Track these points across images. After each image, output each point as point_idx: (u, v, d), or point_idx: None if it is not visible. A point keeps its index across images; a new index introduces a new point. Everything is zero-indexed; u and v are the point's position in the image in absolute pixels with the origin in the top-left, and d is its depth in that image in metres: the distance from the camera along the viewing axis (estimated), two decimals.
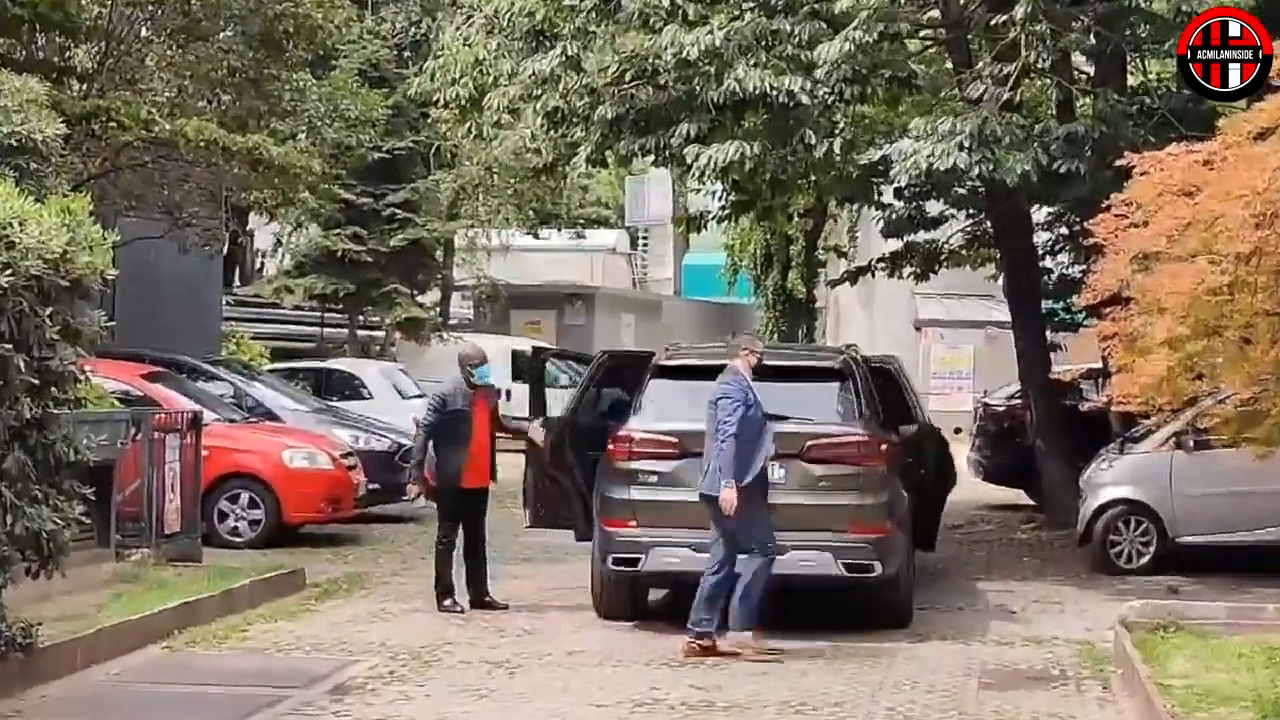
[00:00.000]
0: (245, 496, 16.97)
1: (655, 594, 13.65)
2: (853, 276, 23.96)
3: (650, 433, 12.53)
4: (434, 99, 19.03)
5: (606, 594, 13.02)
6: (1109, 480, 16.33)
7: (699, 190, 23.19)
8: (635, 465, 12.49)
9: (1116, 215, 8.06)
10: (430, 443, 13.44)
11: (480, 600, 13.43)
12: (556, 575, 15.31)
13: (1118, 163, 8.46)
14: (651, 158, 17.06)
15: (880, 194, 20.06)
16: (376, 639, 12.09)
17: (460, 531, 13.50)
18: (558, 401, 21.36)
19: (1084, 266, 16.99)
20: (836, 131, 16.70)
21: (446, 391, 13.43)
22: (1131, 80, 19.00)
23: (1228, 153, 7.78)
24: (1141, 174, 8.06)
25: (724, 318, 45.29)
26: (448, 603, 13.38)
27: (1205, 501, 15.80)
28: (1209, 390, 8.18)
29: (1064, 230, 21.93)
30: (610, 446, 12.68)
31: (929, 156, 15.31)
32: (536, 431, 13.85)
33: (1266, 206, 7.29)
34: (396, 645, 11.83)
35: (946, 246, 22.57)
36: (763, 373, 12.82)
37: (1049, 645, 12.27)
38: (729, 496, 11.43)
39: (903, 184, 17.70)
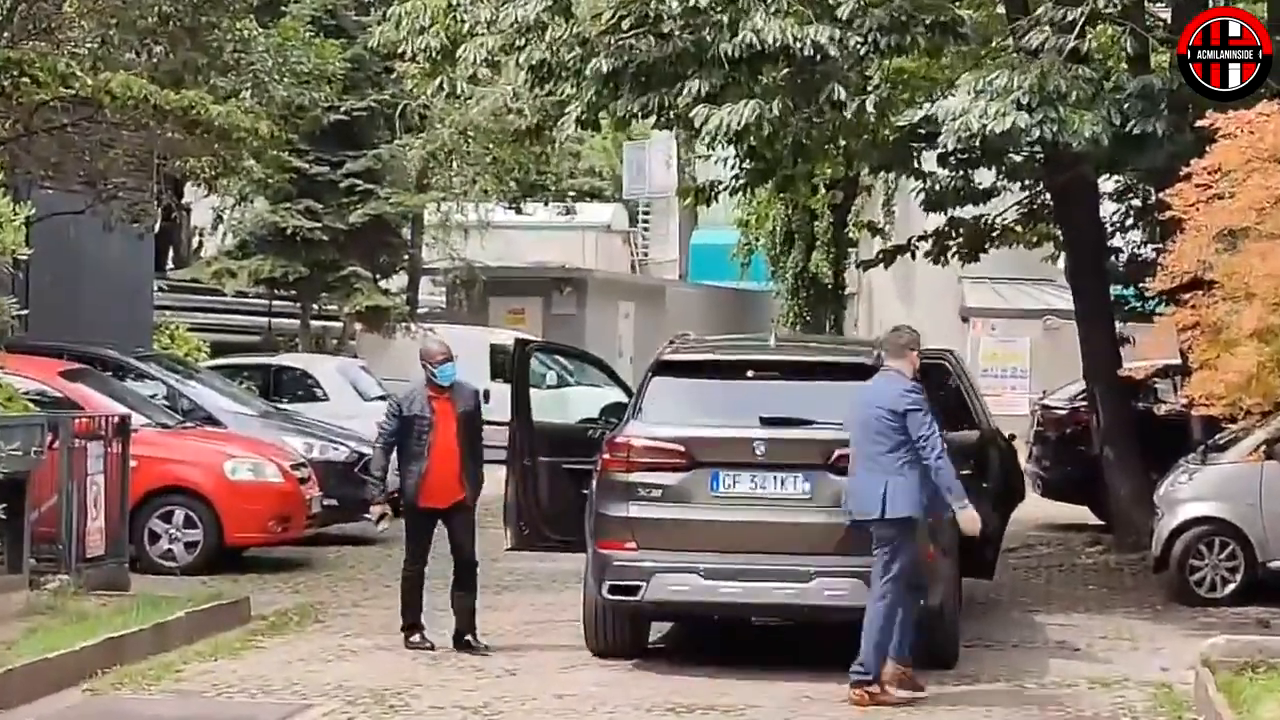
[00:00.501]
0: (180, 514, 16.96)
1: (659, 628, 13.64)
2: (888, 257, 23.95)
3: (653, 440, 12.52)
4: (400, 51, 18.98)
5: (601, 628, 13.01)
6: (1188, 495, 16.32)
7: (708, 158, 23.19)
8: (635, 478, 12.48)
9: (1197, 185, 8.04)
10: (391, 454, 13.41)
11: (459, 639, 13.37)
12: (543, 606, 15.31)
13: (1199, 124, 8.43)
14: (653, 120, 17.03)
15: (921, 161, 20.04)
16: (333, 680, 12.08)
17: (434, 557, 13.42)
18: (548, 404, 21.43)
19: (1159, 246, 16.99)
20: (870, 88, 16.71)
21: (404, 394, 13.50)
22: None
23: None
24: (1226, 137, 8.01)
25: (738, 305, 45.31)
26: (415, 639, 13.35)
27: None
28: None
29: (1136, 203, 21.93)
30: (605, 456, 12.67)
31: (981, 117, 15.27)
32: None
33: None
34: (356, 687, 11.82)
35: (999, 223, 22.58)
36: (781, 369, 12.83)
37: (1118, 688, 12.27)
38: (972, 517, 11.64)
39: (949, 149, 17.67)
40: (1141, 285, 18.95)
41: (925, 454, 11.54)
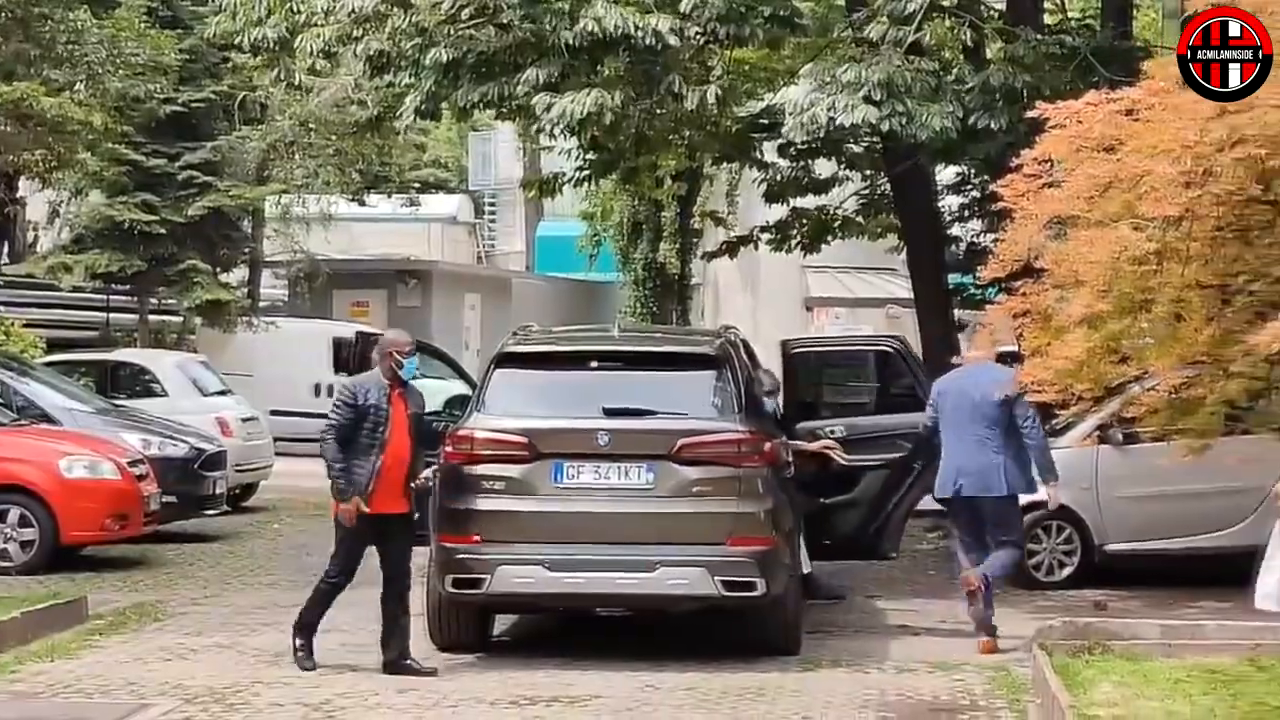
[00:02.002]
0: (15, 513, 16.73)
1: (503, 621, 13.63)
2: (732, 248, 24.11)
3: (496, 432, 12.50)
4: (237, 42, 18.81)
5: (445, 621, 12.98)
6: None
7: (552, 149, 23.19)
8: (478, 470, 12.45)
9: (1027, 175, 8.16)
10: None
11: (399, 663, 12.22)
12: None
13: (1028, 114, 8.59)
14: (493, 110, 17.02)
15: (762, 152, 20.19)
16: (172, 679, 11.94)
17: (361, 569, 12.47)
18: None
19: (996, 235, 17.26)
20: (711, 79, 16.77)
21: (358, 382, 12.38)
22: (1049, 19, 19.27)
23: (1154, 100, 7.90)
24: (1055, 127, 8.15)
25: (585, 297, 45.30)
26: (300, 652, 12.37)
27: (1136, 504, 16.09)
28: (1136, 374, 8.28)
29: (976, 193, 22.24)
30: (448, 449, 12.64)
31: (829, 110, 15.42)
32: None
33: (1198, 163, 7.42)
34: (196, 686, 11.70)
35: (839, 213, 22.78)
36: (625, 360, 12.88)
37: (957, 671, 12.41)
38: (1055, 494, 13.88)
39: (798, 141, 17.80)
40: (978, 273, 19.22)
41: (1033, 435, 13.11)
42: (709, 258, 26.92)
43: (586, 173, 20.66)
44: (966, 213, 23.03)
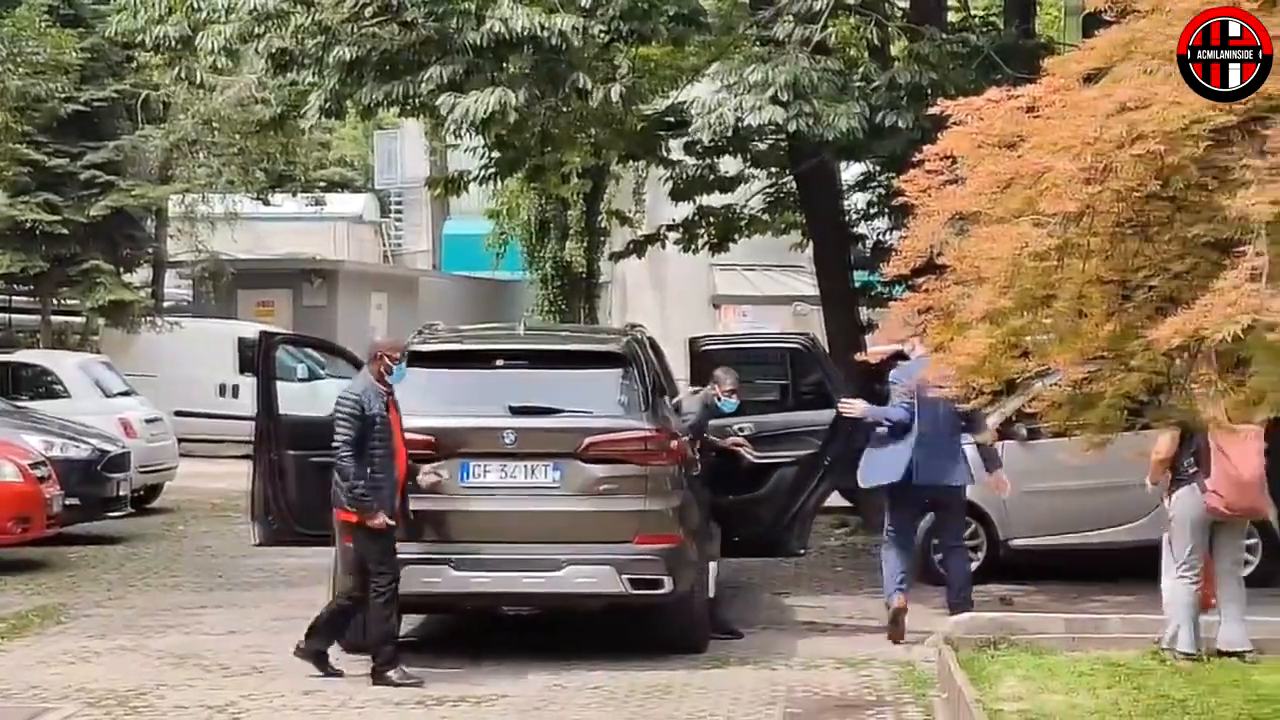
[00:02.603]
0: None
1: (410, 621, 13.58)
2: (639, 247, 24.08)
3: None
4: (138, 40, 18.64)
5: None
6: None
7: (457, 147, 23.12)
8: None
9: (929, 172, 8.16)
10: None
11: (321, 654, 12.18)
12: (292, 602, 15.15)
13: (930, 111, 8.62)
14: (398, 108, 16.95)
15: (668, 150, 20.20)
16: (75, 682, 11.86)
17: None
18: (300, 397, 21.22)
19: (901, 232, 17.33)
20: (617, 77, 16.76)
21: (358, 390, 12.00)
22: (953, 17, 19.39)
23: (1054, 98, 7.93)
24: (957, 124, 8.17)
25: (492, 295, 45.21)
26: (394, 675, 11.81)
27: (1040, 499, 16.17)
28: (1037, 370, 8.32)
29: (881, 191, 22.33)
30: None
31: (736, 110, 15.45)
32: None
33: (1098, 159, 7.42)
34: (100, 689, 11.62)
35: (745, 211, 22.83)
36: (531, 358, 12.86)
37: (864, 667, 12.48)
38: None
39: (705, 141, 17.82)
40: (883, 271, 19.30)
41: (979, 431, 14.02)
42: (615, 258, 26.91)
43: (492, 171, 20.59)
44: (872, 210, 23.10)
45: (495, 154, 19.95)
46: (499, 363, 13.00)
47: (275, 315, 35.47)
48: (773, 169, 22.40)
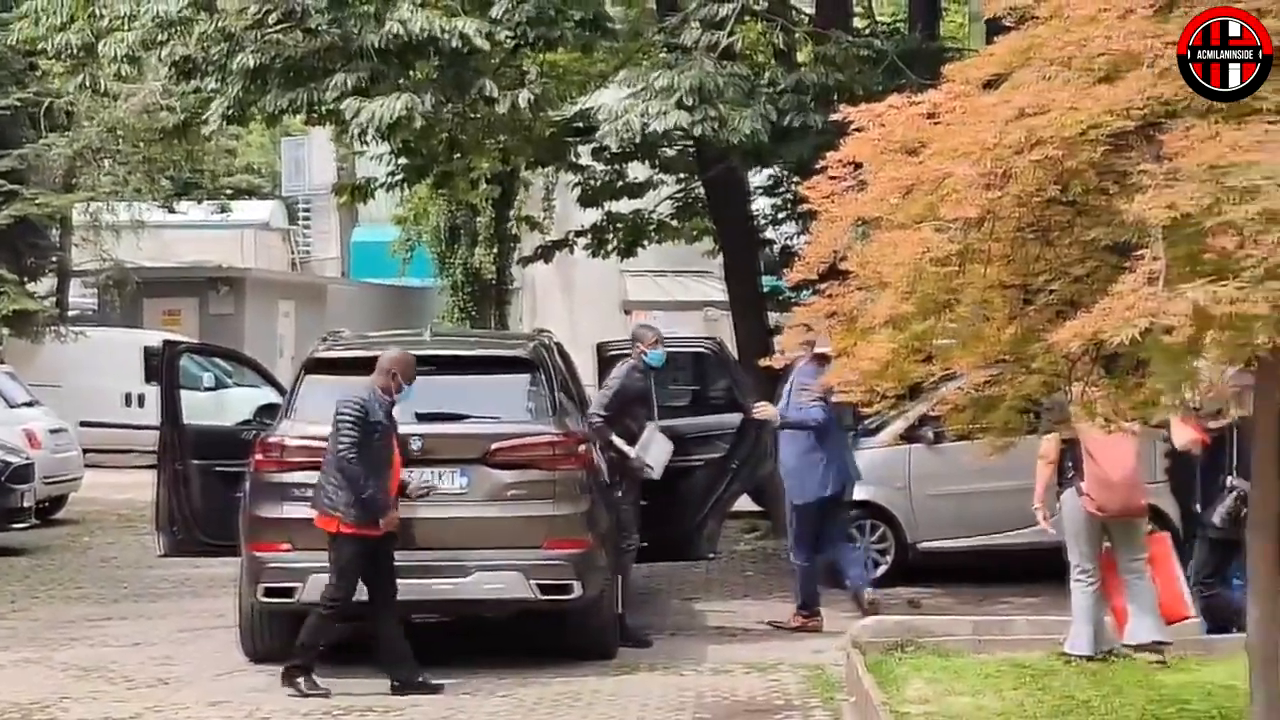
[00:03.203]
0: None
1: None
2: (547, 252, 24.10)
3: (306, 438, 12.42)
4: (40, 48, 18.49)
5: (257, 632, 12.87)
6: None
7: (363, 153, 23.04)
8: (288, 478, 12.39)
9: (832, 177, 8.21)
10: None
11: (413, 682, 11.90)
12: (198, 613, 15.10)
13: (833, 116, 8.67)
14: (303, 115, 16.87)
15: (577, 155, 20.21)
16: None
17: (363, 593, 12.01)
18: (206, 406, 21.10)
19: (808, 237, 17.41)
20: (525, 83, 16.76)
21: (365, 398, 11.85)
22: (858, 23, 19.49)
23: (954, 104, 7.98)
24: (859, 130, 8.22)
25: (401, 303, 45.09)
26: (302, 681, 11.75)
27: (947, 502, 16.32)
28: (941, 374, 8.39)
29: (789, 196, 22.44)
30: (258, 456, 12.55)
31: (643, 116, 15.49)
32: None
33: (998, 164, 7.48)
34: (2, 703, 11.52)
35: (655, 217, 22.88)
36: (437, 365, 12.86)
37: (773, 671, 12.53)
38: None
39: (613, 148, 17.86)
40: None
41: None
42: (525, 263, 26.89)
43: (400, 178, 20.52)
44: (780, 216, 23.23)
45: (402, 160, 19.89)
46: None
47: (182, 324, 35.24)
48: (681, 175, 22.46)
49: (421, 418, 12.49)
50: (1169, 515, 14.30)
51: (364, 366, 13.00)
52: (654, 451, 13.94)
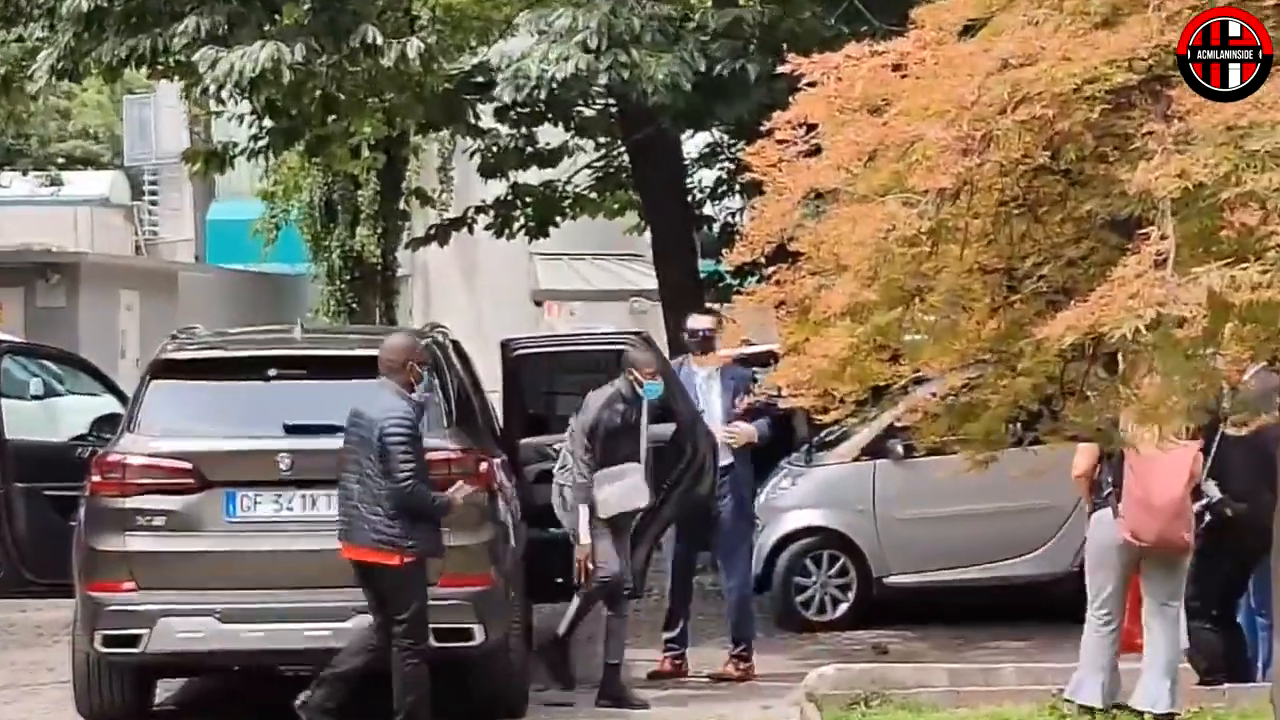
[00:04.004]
0: None
1: (168, 685, 13.46)
2: (442, 232, 24.01)
3: (153, 456, 12.38)
4: None
5: (95, 687, 12.78)
6: (792, 502, 16.73)
7: (222, 114, 22.93)
8: (131, 503, 12.35)
9: (780, 142, 8.21)
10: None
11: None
12: (25, 665, 15.04)
13: (780, 69, 8.66)
14: (146, 67, 16.78)
15: (477, 117, 20.17)
16: None
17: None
18: (34, 418, 20.90)
19: (754, 213, 17.45)
20: (415, 30, 16.72)
21: (407, 409, 11.95)
22: None
23: (925, 54, 8.01)
24: (812, 85, 8.23)
25: (267, 293, 44.90)
26: None
27: (920, 528, 16.34)
28: (911, 376, 8.41)
29: (730, 164, 22.46)
30: (95, 478, 12.49)
31: (542, 61, 15.48)
32: None
33: (976, 126, 7.48)
34: None
35: (570, 189, 22.86)
36: (310, 367, 12.81)
37: None
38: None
39: (508, 100, 17.81)
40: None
41: None
42: (415, 245, 26.82)
43: (265, 143, 20.43)
44: (721, 188, 23.24)
45: (268, 122, 19.80)
46: (272, 372, 12.88)
47: (3, 319, 35.02)
48: (602, 139, 22.46)
49: (291, 430, 12.44)
50: None
51: (221, 370, 12.96)
52: (607, 492, 13.73)
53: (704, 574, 19.37)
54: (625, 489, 13.71)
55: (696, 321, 14.87)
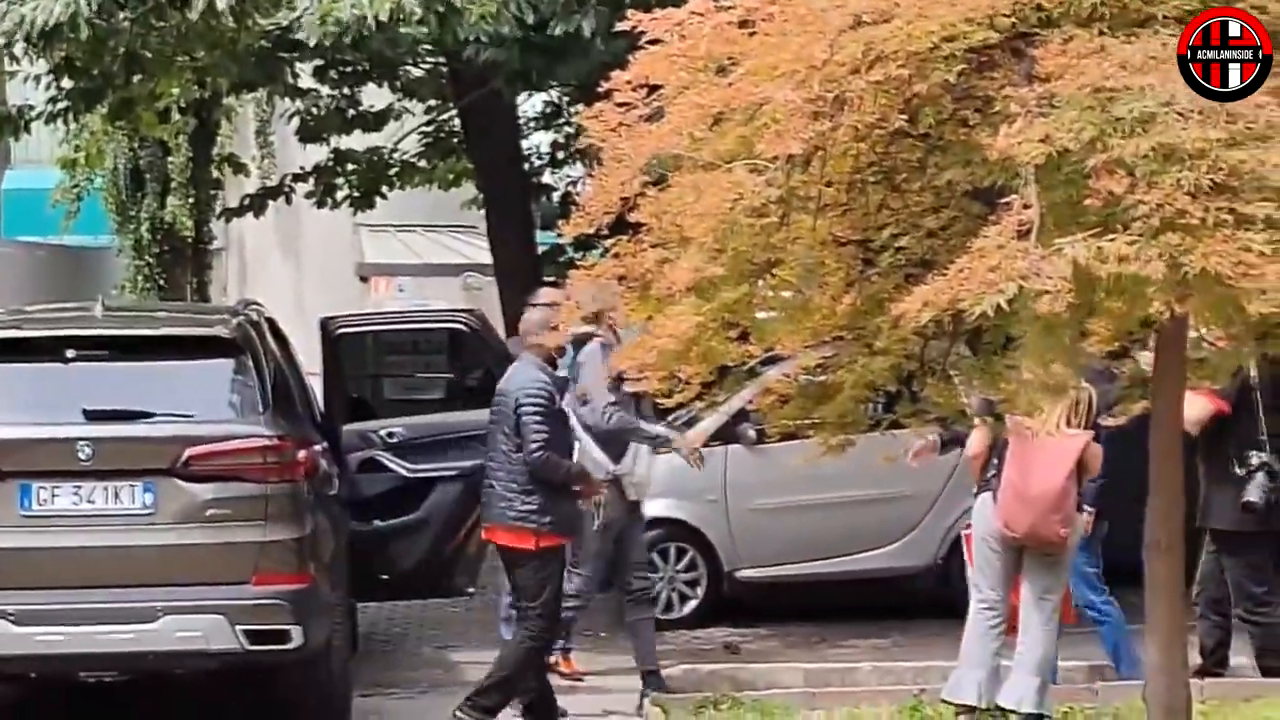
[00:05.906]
0: None
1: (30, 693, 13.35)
2: (257, 202, 23.89)
3: None
4: None
5: None
6: None
7: (15, 73, 22.71)
8: None
9: (620, 105, 8.22)
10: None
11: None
12: None
13: (620, 25, 8.66)
14: None
15: (295, 76, 20.08)
16: None
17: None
18: None
19: (594, 182, 17.47)
20: None
21: (546, 380, 12.70)
22: None
23: (774, 10, 8.02)
24: (654, 42, 8.24)
25: (68, 268, 44.44)
26: None
27: (775, 519, 16.39)
28: (763, 355, 8.45)
29: (571, 130, 22.49)
30: None
31: (353, 5, 15.44)
32: None
33: (828, 87, 7.52)
34: None
35: (397, 157, 22.81)
36: (112, 348, 12.72)
37: None
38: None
39: (312, 43, 17.72)
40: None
41: None
42: (229, 216, 26.66)
43: (64, 105, 20.24)
44: (560, 155, 23.26)
45: (67, 83, 19.62)
46: (70, 354, 12.74)
47: None
48: (431, 102, 22.42)
49: (91, 416, 12.33)
50: None
51: (15, 351, 12.84)
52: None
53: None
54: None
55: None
